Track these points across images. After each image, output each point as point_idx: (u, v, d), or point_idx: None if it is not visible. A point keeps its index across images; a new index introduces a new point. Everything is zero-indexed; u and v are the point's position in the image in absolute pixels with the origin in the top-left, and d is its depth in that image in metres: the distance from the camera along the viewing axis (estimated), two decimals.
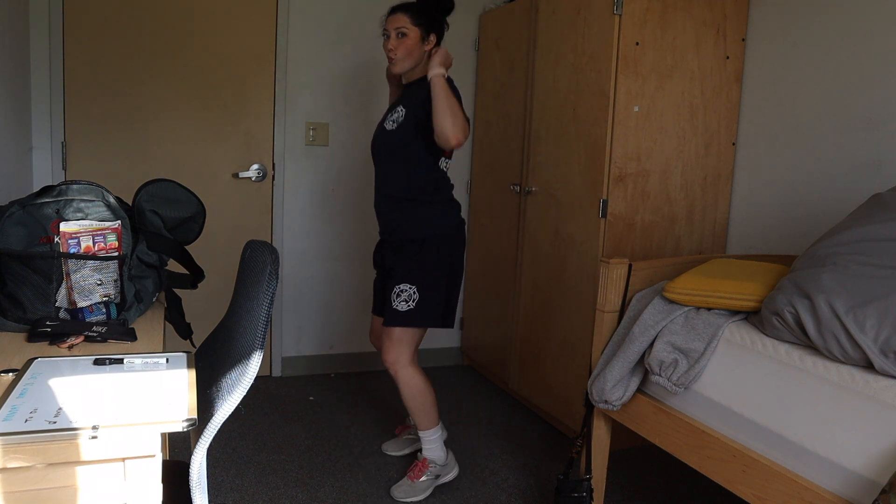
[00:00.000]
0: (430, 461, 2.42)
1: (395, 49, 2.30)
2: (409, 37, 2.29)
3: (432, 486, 2.43)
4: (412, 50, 2.30)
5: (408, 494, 2.38)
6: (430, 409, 2.38)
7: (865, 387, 1.41)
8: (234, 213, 3.37)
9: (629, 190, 2.66)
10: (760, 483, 1.59)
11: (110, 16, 3.05)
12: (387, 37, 2.33)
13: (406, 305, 2.27)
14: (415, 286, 2.27)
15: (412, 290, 2.27)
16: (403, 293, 2.27)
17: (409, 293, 2.27)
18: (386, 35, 2.33)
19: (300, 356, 3.58)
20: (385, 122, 2.35)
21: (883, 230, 1.60)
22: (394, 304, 2.28)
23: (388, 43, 2.32)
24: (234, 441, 2.77)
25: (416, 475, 2.41)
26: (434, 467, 2.43)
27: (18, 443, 0.95)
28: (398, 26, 2.29)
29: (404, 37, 2.29)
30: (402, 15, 2.30)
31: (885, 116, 2.24)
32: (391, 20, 2.31)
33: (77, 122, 3.07)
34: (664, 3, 2.60)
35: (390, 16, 2.32)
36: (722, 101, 2.78)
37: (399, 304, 2.27)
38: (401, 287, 2.28)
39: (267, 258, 1.26)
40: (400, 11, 2.31)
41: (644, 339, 1.89)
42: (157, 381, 1.17)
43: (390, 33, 2.31)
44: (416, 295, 2.27)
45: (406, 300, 2.27)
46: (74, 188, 1.53)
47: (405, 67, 2.32)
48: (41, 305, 1.46)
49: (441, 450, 2.45)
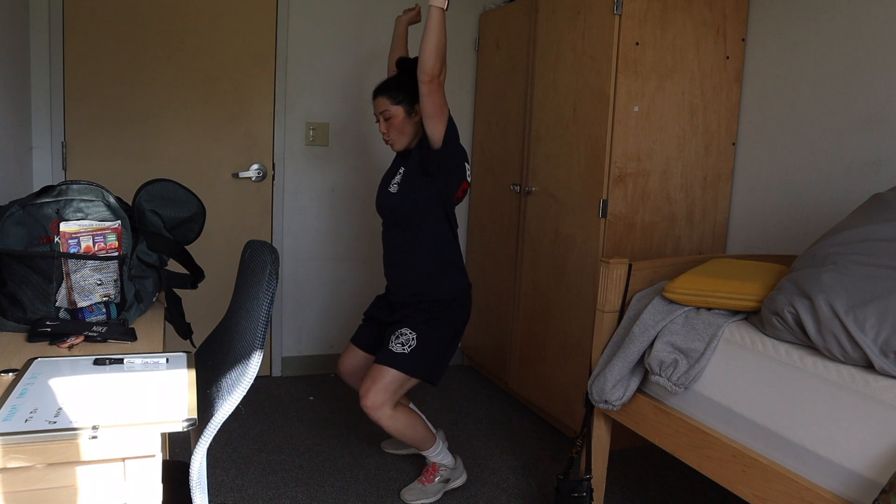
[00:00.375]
0: (439, 465, 2.43)
1: (388, 132, 2.33)
2: (395, 116, 2.30)
3: (442, 490, 2.42)
4: (403, 127, 2.31)
5: (418, 497, 2.37)
6: (423, 433, 2.37)
7: (865, 387, 1.41)
8: (234, 213, 3.37)
9: (629, 190, 2.66)
10: (760, 483, 1.59)
11: (110, 16, 3.05)
12: (377, 121, 2.35)
13: (401, 349, 2.26)
14: (415, 334, 2.27)
15: (412, 337, 2.27)
16: (402, 336, 2.28)
17: (407, 338, 2.27)
18: (377, 120, 2.36)
19: (300, 356, 3.58)
20: (389, 187, 2.36)
21: (883, 230, 1.60)
22: (391, 344, 2.28)
23: (380, 127, 2.35)
24: (234, 441, 2.77)
25: (427, 479, 2.41)
26: (444, 471, 2.43)
27: (18, 443, 0.95)
28: (381, 111, 2.32)
29: (391, 119, 2.31)
30: (381, 99, 2.32)
31: (885, 116, 2.24)
32: (375, 105, 2.34)
33: (77, 122, 3.07)
34: (664, 3, 2.60)
35: (374, 100, 2.35)
36: (722, 101, 2.78)
37: (395, 345, 2.27)
38: (402, 331, 2.28)
39: (267, 258, 1.26)
40: (379, 95, 2.33)
41: (644, 339, 1.89)
42: (157, 381, 1.17)
43: (378, 118, 2.34)
44: (413, 342, 2.26)
45: (403, 343, 2.27)
46: (74, 188, 1.53)
47: (403, 144, 2.34)
48: (41, 305, 1.46)
49: (448, 456, 2.46)
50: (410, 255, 2.34)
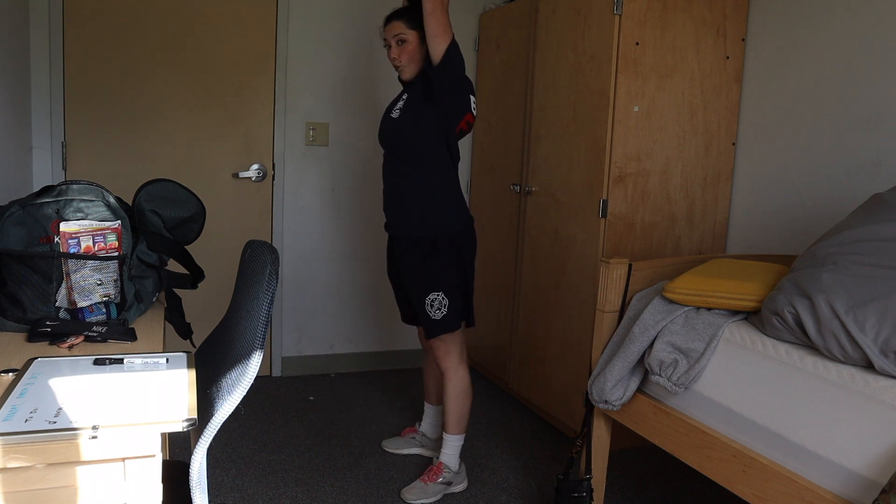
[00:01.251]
0: (445, 465, 2.43)
1: (399, 57, 2.31)
2: (409, 42, 2.29)
3: (443, 492, 2.42)
4: (414, 54, 2.30)
5: (419, 496, 2.37)
6: (466, 414, 2.43)
7: (865, 387, 1.41)
8: (234, 213, 3.37)
9: (629, 190, 2.66)
10: (760, 483, 1.59)
11: (110, 16, 3.05)
12: (388, 47, 2.34)
13: (440, 313, 2.29)
14: (441, 291, 2.29)
15: (441, 297, 2.29)
16: (435, 302, 2.29)
17: (439, 300, 2.29)
18: (387, 45, 2.34)
19: (300, 356, 3.58)
20: (391, 112, 2.35)
21: (883, 230, 1.60)
22: (430, 314, 2.30)
23: (391, 52, 2.32)
24: (234, 441, 2.77)
25: (429, 478, 2.41)
26: (448, 473, 2.43)
27: (18, 443, 0.95)
28: (396, 34, 2.29)
29: (404, 43, 2.29)
30: (397, 22, 2.30)
31: (885, 116, 2.24)
32: (388, 29, 2.32)
33: (77, 122, 3.07)
34: (664, 3, 2.60)
35: (386, 25, 2.33)
36: (722, 101, 2.78)
37: (434, 312, 2.29)
38: (431, 297, 2.29)
39: (267, 258, 1.26)
40: (394, 19, 2.31)
41: (644, 339, 1.89)
42: (157, 381, 1.17)
43: (390, 42, 2.32)
44: (445, 300, 2.29)
45: (439, 308, 2.29)
46: (74, 188, 1.53)
47: (413, 72, 2.32)
48: (41, 305, 1.46)
49: (457, 458, 2.46)
50: (409, 187, 2.30)
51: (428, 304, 2.30)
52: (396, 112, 2.32)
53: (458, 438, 2.43)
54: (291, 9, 3.32)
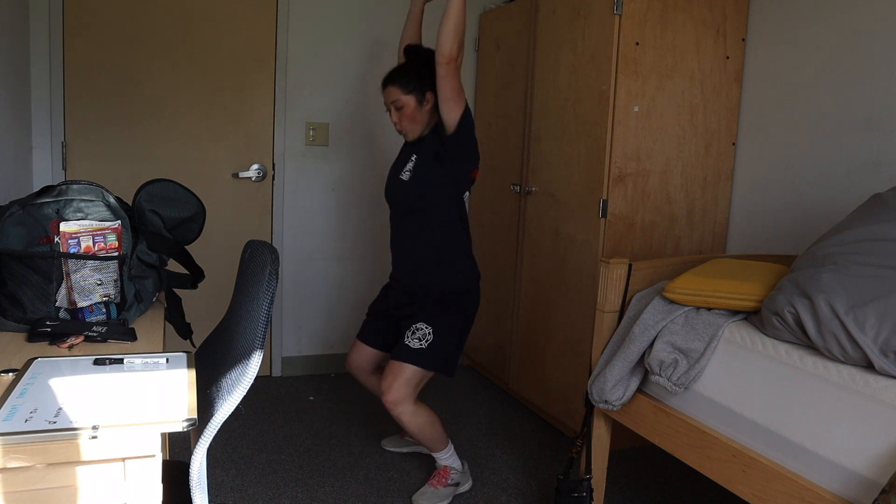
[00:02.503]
0: (450, 468, 2.42)
1: (399, 122, 2.29)
2: (406, 106, 2.26)
3: (453, 493, 2.42)
4: (414, 116, 2.28)
5: (432, 501, 2.35)
6: (439, 434, 2.38)
7: (865, 387, 1.41)
8: (234, 213, 3.37)
9: (629, 190, 2.66)
10: (760, 483, 1.59)
11: (110, 16, 3.05)
12: (388, 111, 2.32)
13: (418, 344, 2.25)
14: (431, 328, 2.27)
15: (428, 331, 2.26)
16: (419, 331, 2.27)
17: (424, 332, 2.26)
18: (387, 109, 2.32)
19: (300, 356, 3.58)
20: (401, 174, 2.32)
21: (883, 230, 1.60)
22: (407, 340, 2.27)
23: (391, 117, 2.31)
24: (234, 441, 2.77)
25: (439, 482, 2.40)
26: (455, 474, 2.42)
27: (18, 443, 0.95)
28: (392, 100, 2.28)
29: (402, 109, 2.27)
30: (392, 87, 2.27)
31: (885, 116, 2.24)
32: (385, 94, 2.30)
33: (77, 122, 3.07)
34: (664, 3, 2.60)
35: (384, 89, 2.31)
36: (722, 101, 2.78)
37: (412, 341, 2.26)
38: (418, 325, 2.27)
39: (267, 258, 1.26)
40: (389, 84, 2.29)
41: (644, 339, 1.89)
42: (157, 381, 1.17)
43: (389, 108, 2.30)
44: (430, 336, 2.26)
45: (420, 339, 2.26)
46: (74, 188, 1.53)
47: (417, 133, 2.31)
48: (41, 305, 1.46)
49: (457, 459, 2.45)
50: (422, 243, 2.30)
51: (412, 330, 2.27)
52: (406, 174, 2.29)
53: (446, 451, 2.41)
54: (291, 8, 3.32)
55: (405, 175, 2.31)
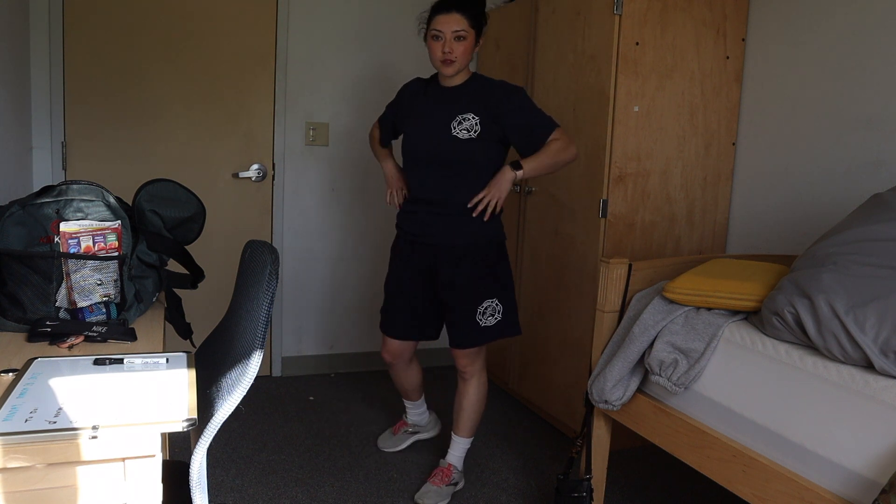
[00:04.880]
0: (454, 467, 2.43)
1: (454, 52, 2.10)
2: (467, 40, 2.11)
3: (452, 492, 2.42)
4: (470, 53, 2.14)
5: (436, 499, 2.35)
6: (481, 418, 2.45)
7: (865, 387, 1.41)
8: (234, 213, 3.37)
9: (629, 190, 2.66)
10: (760, 483, 1.59)
11: (110, 16, 3.05)
12: (438, 38, 2.11)
13: (493, 319, 2.24)
14: (496, 298, 2.24)
15: (495, 304, 2.24)
16: (488, 309, 2.24)
17: (493, 307, 2.24)
18: (437, 36, 2.11)
19: (300, 356, 3.58)
20: (454, 131, 2.16)
21: (883, 230, 1.60)
22: (480, 321, 2.23)
23: (443, 45, 2.10)
24: (234, 441, 2.77)
25: (441, 481, 2.39)
26: (456, 473, 2.44)
27: (18, 443, 0.95)
28: (457, 29, 2.08)
29: (463, 40, 2.09)
30: (460, 16, 2.08)
31: (885, 116, 2.24)
32: (445, 20, 2.08)
33: (77, 122, 3.07)
34: (664, 3, 2.60)
35: (442, 14, 2.09)
36: (722, 101, 2.78)
37: (486, 319, 2.24)
38: (485, 304, 2.23)
39: (267, 258, 1.26)
40: (457, 11, 2.08)
41: (644, 339, 1.89)
42: (157, 381, 1.17)
43: (444, 35, 2.09)
44: (499, 306, 2.25)
45: (492, 314, 2.25)
46: (74, 188, 1.53)
47: (460, 70, 2.16)
48: (41, 305, 1.46)
49: (463, 459, 2.48)
50: (464, 200, 2.18)
51: (480, 312, 2.23)
52: (464, 133, 2.15)
53: (468, 441, 2.45)
54: (291, 9, 3.32)
55: (461, 133, 2.14)
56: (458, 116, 2.17)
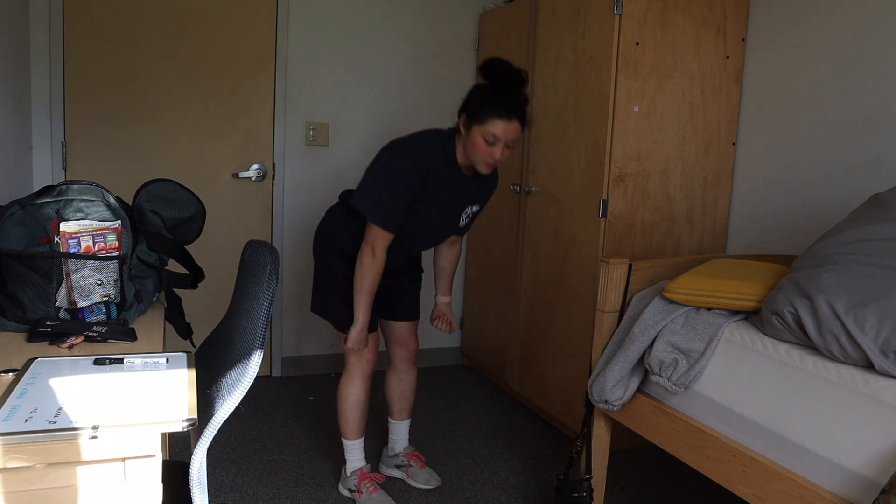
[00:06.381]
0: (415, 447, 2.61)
1: (500, 159, 2.01)
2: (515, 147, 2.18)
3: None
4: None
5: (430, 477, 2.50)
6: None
7: (865, 387, 1.41)
8: (234, 213, 3.37)
9: (629, 190, 2.66)
10: (760, 483, 1.59)
11: (110, 16, 3.05)
12: (491, 144, 1.99)
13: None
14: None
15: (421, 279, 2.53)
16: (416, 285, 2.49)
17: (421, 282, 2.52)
18: (491, 142, 1.98)
19: (300, 356, 3.58)
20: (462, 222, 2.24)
21: (883, 230, 1.60)
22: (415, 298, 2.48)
23: (495, 150, 1.99)
24: (234, 441, 2.77)
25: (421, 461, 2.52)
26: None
27: (18, 443, 0.95)
28: (514, 138, 1.99)
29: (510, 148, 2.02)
30: (519, 124, 1.98)
31: (885, 116, 2.24)
32: (506, 128, 1.96)
33: (77, 122, 3.07)
34: (664, 3, 2.60)
35: (504, 121, 1.95)
36: (722, 101, 2.78)
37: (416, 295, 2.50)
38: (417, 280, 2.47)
39: (267, 258, 1.26)
40: (517, 119, 1.97)
41: (644, 339, 1.89)
42: (157, 381, 1.17)
43: (499, 142, 1.98)
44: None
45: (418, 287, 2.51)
46: (74, 188, 1.53)
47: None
48: (41, 305, 1.46)
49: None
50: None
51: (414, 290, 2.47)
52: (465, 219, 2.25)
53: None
54: (291, 9, 3.32)
55: (464, 220, 2.25)
56: (468, 209, 2.24)
